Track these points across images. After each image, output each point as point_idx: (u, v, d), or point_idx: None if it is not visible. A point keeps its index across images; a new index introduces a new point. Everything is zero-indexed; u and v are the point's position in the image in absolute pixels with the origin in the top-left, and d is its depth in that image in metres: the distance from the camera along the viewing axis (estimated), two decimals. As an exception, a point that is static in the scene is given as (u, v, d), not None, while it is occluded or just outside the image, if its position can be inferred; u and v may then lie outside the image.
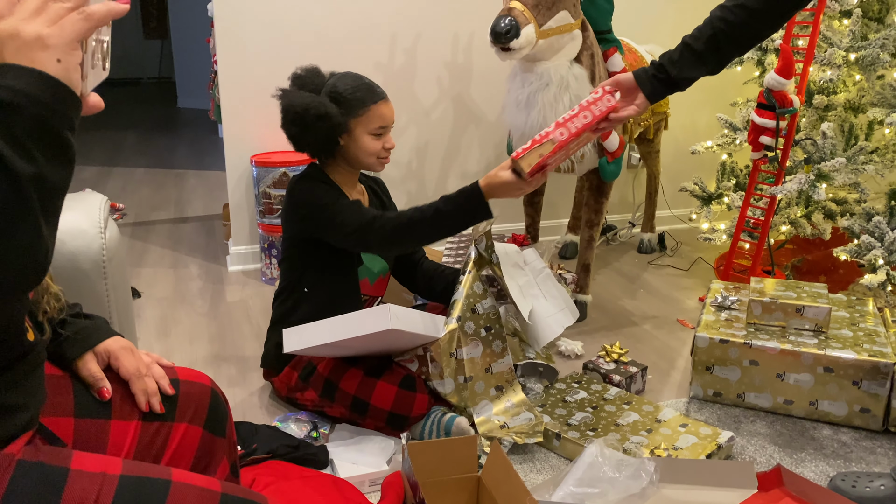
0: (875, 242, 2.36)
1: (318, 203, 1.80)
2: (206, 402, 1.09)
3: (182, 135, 5.74)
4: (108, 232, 1.36)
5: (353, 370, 1.77)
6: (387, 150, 1.88)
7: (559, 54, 2.18)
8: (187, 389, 1.09)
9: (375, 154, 1.86)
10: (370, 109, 1.82)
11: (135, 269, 2.96)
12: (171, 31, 6.66)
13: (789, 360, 1.91)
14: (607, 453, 1.57)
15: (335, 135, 1.83)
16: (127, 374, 1.04)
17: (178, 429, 1.06)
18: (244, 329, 2.43)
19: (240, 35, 2.73)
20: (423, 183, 3.12)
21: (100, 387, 1.02)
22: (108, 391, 1.02)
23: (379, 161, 1.89)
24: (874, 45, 2.49)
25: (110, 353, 1.05)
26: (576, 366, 2.20)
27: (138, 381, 1.04)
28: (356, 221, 1.75)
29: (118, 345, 1.07)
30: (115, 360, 1.05)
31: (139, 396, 1.04)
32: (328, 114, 1.78)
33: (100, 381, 1.02)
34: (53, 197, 0.67)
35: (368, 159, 1.87)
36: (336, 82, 1.85)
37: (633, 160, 3.42)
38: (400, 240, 1.73)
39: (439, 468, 1.46)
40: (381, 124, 1.84)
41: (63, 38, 0.65)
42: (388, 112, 1.86)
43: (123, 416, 1.03)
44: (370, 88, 1.84)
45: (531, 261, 2.07)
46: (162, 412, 1.05)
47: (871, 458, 1.77)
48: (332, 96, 1.83)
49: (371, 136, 1.84)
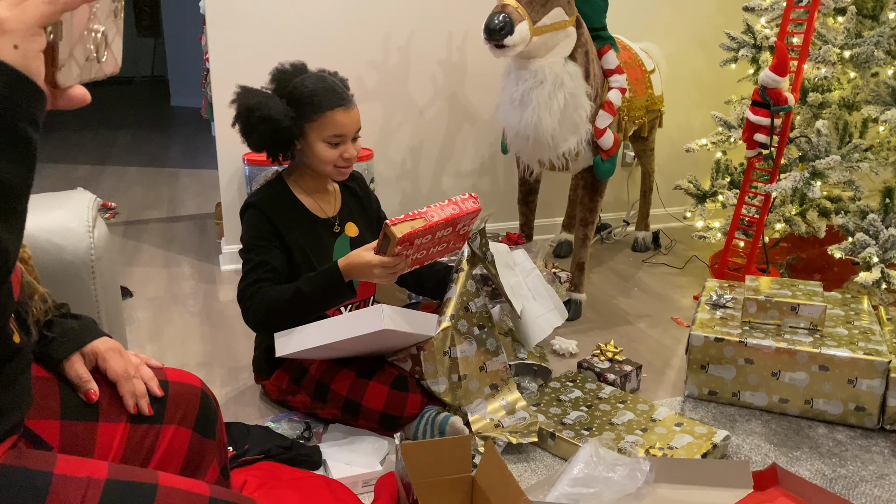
0: (870, 240, 2.36)
1: (243, 244, 1.80)
2: (195, 404, 1.08)
3: (175, 133, 5.71)
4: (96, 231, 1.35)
5: (345, 371, 1.76)
6: (345, 159, 1.78)
7: (553, 51, 2.17)
8: (177, 391, 1.07)
9: (330, 163, 1.77)
10: (325, 116, 1.73)
11: (127, 269, 2.94)
12: (164, 30, 6.63)
13: (784, 358, 1.90)
14: (602, 453, 1.56)
15: (284, 138, 1.74)
16: (115, 375, 1.03)
17: (168, 431, 1.05)
18: (237, 329, 2.41)
19: (232, 33, 2.71)
20: (417, 182, 3.11)
21: (87, 388, 1.01)
22: (95, 393, 1.01)
23: (336, 170, 1.80)
24: (869, 42, 2.48)
25: (98, 355, 1.04)
26: (570, 364, 2.19)
27: (126, 383, 1.03)
28: (243, 286, 1.73)
29: (106, 346, 1.05)
30: (103, 362, 1.03)
31: (127, 399, 1.03)
32: (271, 117, 1.69)
33: (86, 382, 1.01)
34: (10, 198, 0.61)
35: (324, 167, 1.79)
36: (299, 82, 1.75)
37: (627, 158, 3.41)
38: (270, 321, 1.70)
39: (433, 468, 1.45)
40: (336, 132, 1.74)
41: (23, 22, 0.60)
42: (345, 120, 1.74)
43: (111, 418, 1.02)
44: (330, 92, 1.74)
45: (520, 261, 2.06)
46: (150, 414, 1.04)
47: (866, 457, 1.77)
48: (291, 97, 1.75)
49: (325, 143, 1.75)
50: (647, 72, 2.72)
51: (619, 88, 2.36)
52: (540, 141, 2.23)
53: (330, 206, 1.92)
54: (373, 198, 2.06)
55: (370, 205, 2.04)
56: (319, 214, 1.89)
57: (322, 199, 1.91)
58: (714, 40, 3.25)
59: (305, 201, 1.87)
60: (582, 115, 2.23)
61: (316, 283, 1.69)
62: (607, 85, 2.36)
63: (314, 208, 1.88)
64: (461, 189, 3.17)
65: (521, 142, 2.28)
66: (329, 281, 1.68)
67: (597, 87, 2.29)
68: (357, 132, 1.81)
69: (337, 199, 1.96)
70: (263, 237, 1.78)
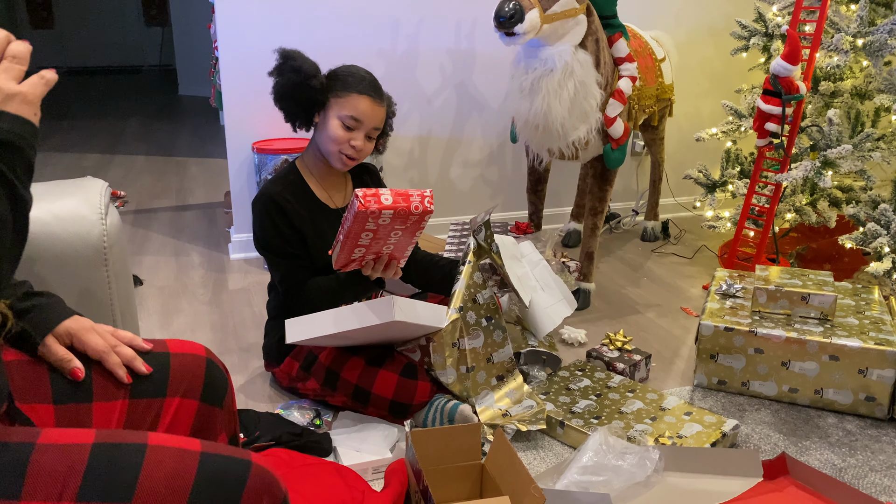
0: (881, 230, 2.34)
1: (261, 243, 1.85)
2: (200, 374, 1.06)
3: (183, 122, 5.71)
4: (108, 218, 1.35)
5: (355, 359, 1.77)
6: (352, 147, 1.80)
7: (563, 39, 2.16)
8: (179, 362, 1.05)
9: (338, 143, 1.80)
10: (351, 96, 1.78)
11: (136, 257, 2.95)
12: (172, 18, 6.62)
13: (794, 348, 1.90)
14: (611, 441, 1.57)
15: (306, 98, 1.79)
16: (96, 353, 1.01)
17: (171, 404, 1.04)
18: (246, 317, 2.42)
19: (241, 21, 2.71)
20: (425, 171, 3.10)
21: (71, 367, 0.99)
22: (80, 370, 0.99)
23: (340, 156, 1.82)
24: (882, 30, 2.46)
25: (72, 335, 1.02)
26: (579, 354, 2.19)
27: (110, 357, 1.01)
28: (287, 285, 1.83)
29: (78, 325, 1.03)
30: (80, 342, 1.02)
31: (117, 371, 1.01)
32: (301, 68, 1.76)
33: (69, 361, 0.99)
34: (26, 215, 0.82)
35: (331, 146, 1.81)
36: (342, 66, 1.86)
37: (637, 147, 3.40)
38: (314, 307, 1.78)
39: (443, 456, 1.46)
40: (353, 115, 1.78)
41: (36, 97, 0.81)
42: (367, 109, 1.78)
43: (106, 396, 1.00)
44: (363, 80, 1.81)
45: (528, 252, 2.06)
46: (148, 372, 1.02)
47: (876, 447, 1.77)
48: (331, 72, 1.84)
49: (340, 122, 1.79)
50: (658, 60, 2.70)
51: (629, 77, 2.35)
52: (549, 129, 2.22)
53: (339, 196, 1.93)
54: None
55: None
56: (329, 204, 1.89)
57: (333, 188, 1.92)
58: (725, 28, 3.23)
59: (316, 190, 1.88)
60: (592, 103, 2.22)
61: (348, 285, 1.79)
62: (618, 73, 2.35)
63: (324, 198, 1.89)
64: (470, 178, 3.16)
65: (530, 130, 2.27)
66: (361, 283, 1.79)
67: (607, 76, 2.28)
68: (374, 129, 1.82)
69: (348, 189, 1.96)
70: (282, 230, 1.80)
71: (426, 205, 1.56)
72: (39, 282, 1.29)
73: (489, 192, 3.21)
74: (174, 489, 0.81)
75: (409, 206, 1.55)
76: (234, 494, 0.84)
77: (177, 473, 0.82)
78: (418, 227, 1.63)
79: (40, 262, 1.28)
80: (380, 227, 1.59)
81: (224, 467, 0.85)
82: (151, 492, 0.80)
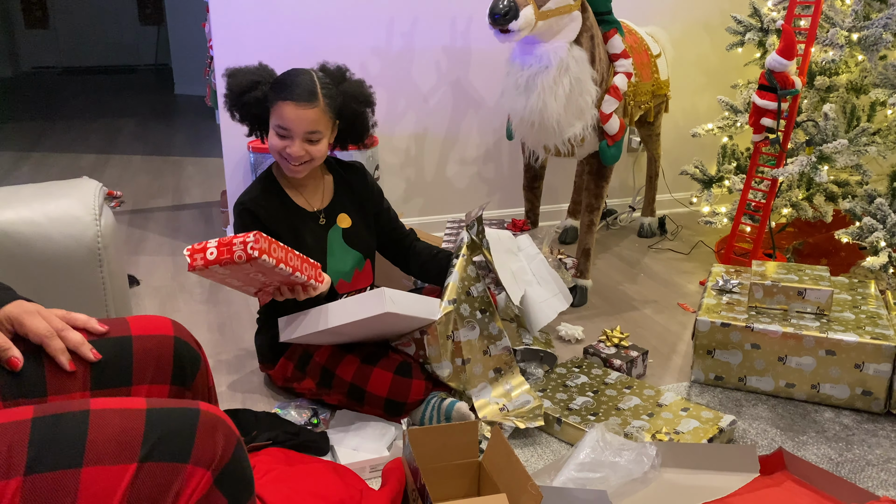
0: (877, 224, 2.34)
1: None
2: (168, 356, 1.01)
3: (179, 122, 5.70)
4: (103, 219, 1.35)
5: (350, 357, 1.77)
6: (288, 154, 1.76)
7: (559, 36, 2.15)
8: (143, 346, 0.99)
9: (276, 151, 1.79)
10: (277, 105, 1.75)
11: (133, 257, 2.94)
12: (167, 17, 6.61)
13: (791, 343, 1.90)
14: (609, 438, 1.57)
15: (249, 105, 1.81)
16: (37, 337, 0.93)
17: (139, 392, 0.98)
18: (243, 317, 2.42)
19: (235, 19, 2.70)
20: (421, 169, 3.10)
21: (8, 357, 0.91)
22: (17, 359, 0.92)
23: (285, 163, 1.79)
24: (877, 24, 2.46)
25: (13, 320, 0.94)
26: (576, 350, 2.20)
27: (52, 341, 0.93)
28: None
29: (21, 308, 0.95)
30: (21, 326, 0.93)
31: (59, 357, 0.93)
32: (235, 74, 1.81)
33: (6, 350, 0.91)
34: None
35: (274, 155, 1.80)
36: (285, 71, 1.81)
37: (633, 143, 3.40)
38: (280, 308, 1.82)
39: (440, 454, 1.46)
40: (280, 123, 1.75)
41: None
42: (291, 115, 1.73)
43: (62, 389, 0.94)
44: (289, 85, 1.75)
45: (525, 246, 2.06)
46: (96, 359, 0.95)
47: (872, 441, 1.77)
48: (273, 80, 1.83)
49: (274, 131, 1.77)
50: (653, 56, 2.70)
51: (624, 73, 2.34)
52: (545, 126, 2.22)
53: (317, 199, 1.92)
54: (375, 190, 2.02)
55: (370, 197, 2.00)
56: (306, 207, 1.89)
57: (308, 191, 1.91)
58: (720, 24, 3.23)
59: (292, 194, 1.88)
60: (587, 100, 2.22)
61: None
62: (613, 69, 2.35)
63: (300, 201, 1.89)
64: (466, 176, 3.16)
65: (526, 127, 2.27)
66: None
67: (602, 72, 2.28)
68: (308, 133, 1.76)
69: (327, 191, 1.94)
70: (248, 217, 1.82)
71: (249, 252, 1.47)
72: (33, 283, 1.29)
73: (485, 190, 3.21)
74: (124, 443, 0.78)
75: (231, 257, 1.48)
76: (188, 434, 0.81)
77: (124, 430, 0.79)
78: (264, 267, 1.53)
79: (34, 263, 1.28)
80: (233, 271, 1.54)
81: (172, 415, 0.82)
82: (102, 451, 0.77)
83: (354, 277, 1.94)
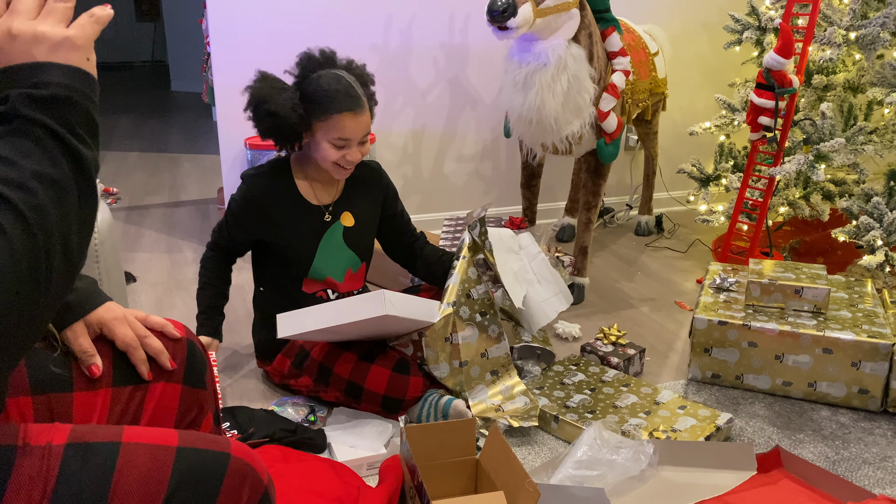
0: (874, 223, 2.35)
1: (228, 205, 1.89)
2: (182, 357, 1.04)
3: (176, 118, 5.69)
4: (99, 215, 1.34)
5: (347, 354, 1.76)
6: (347, 161, 1.79)
7: (557, 33, 2.15)
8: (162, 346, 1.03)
9: (331, 162, 1.80)
10: (332, 118, 1.74)
11: (129, 254, 2.93)
12: (164, 13, 6.58)
13: (788, 341, 1.90)
14: (606, 436, 1.57)
15: (290, 133, 1.78)
16: (123, 345, 0.99)
17: (155, 389, 1.01)
18: (240, 314, 2.41)
19: (233, 16, 2.69)
20: (418, 167, 3.10)
21: (91, 363, 0.96)
22: (98, 367, 0.96)
23: (336, 169, 1.82)
24: (874, 23, 2.46)
25: (103, 325, 0.99)
26: (574, 348, 2.19)
27: (137, 352, 0.98)
28: (209, 242, 1.95)
29: (111, 315, 1.00)
30: (110, 333, 0.99)
31: (140, 367, 0.99)
32: (278, 114, 1.73)
33: (91, 357, 0.96)
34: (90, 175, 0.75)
35: (325, 164, 1.82)
36: (316, 78, 1.77)
37: (630, 142, 3.40)
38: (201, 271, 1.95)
39: (437, 451, 1.45)
40: (341, 135, 1.75)
41: (86, 40, 0.74)
42: (351, 125, 1.75)
43: (87, 386, 0.97)
44: (341, 96, 1.74)
45: (526, 245, 2.06)
46: (173, 368, 1.00)
47: (869, 439, 1.77)
48: (305, 92, 1.76)
49: (330, 144, 1.77)
50: (651, 54, 2.70)
51: (622, 71, 2.34)
52: (543, 124, 2.21)
53: (327, 194, 1.91)
54: (391, 191, 2.01)
55: (385, 198, 2.00)
56: (311, 200, 1.88)
57: (321, 186, 1.90)
58: (718, 22, 3.23)
59: (301, 185, 1.88)
60: (585, 97, 2.22)
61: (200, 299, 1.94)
62: (611, 67, 2.35)
63: (308, 194, 1.88)
64: (464, 173, 3.16)
65: (523, 125, 2.27)
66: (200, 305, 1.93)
67: (600, 70, 2.28)
68: (364, 136, 1.80)
69: (339, 188, 1.94)
70: (243, 215, 1.86)
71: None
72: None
73: (483, 187, 3.21)
74: (148, 493, 0.78)
75: None
76: (214, 484, 0.81)
77: (151, 476, 0.79)
78: None
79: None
80: None
81: (201, 462, 0.82)
82: (125, 495, 0.77)
83: (346, 278, 1.93)
